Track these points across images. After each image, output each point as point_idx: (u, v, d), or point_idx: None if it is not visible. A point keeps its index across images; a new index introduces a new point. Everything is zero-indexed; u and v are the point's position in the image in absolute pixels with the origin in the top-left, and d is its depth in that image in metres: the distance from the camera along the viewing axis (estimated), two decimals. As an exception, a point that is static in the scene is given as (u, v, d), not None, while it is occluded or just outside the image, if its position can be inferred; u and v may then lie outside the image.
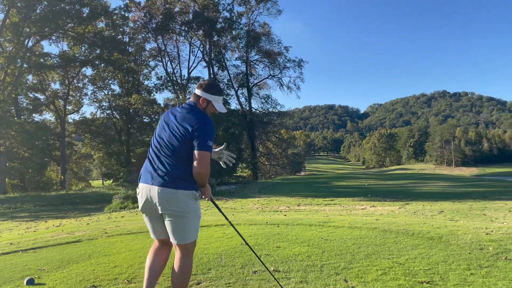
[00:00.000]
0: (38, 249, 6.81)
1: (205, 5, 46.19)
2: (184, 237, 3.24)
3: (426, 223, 7.86)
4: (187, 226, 3.22)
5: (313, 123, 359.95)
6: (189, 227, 3.23)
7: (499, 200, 14.61)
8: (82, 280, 4.63)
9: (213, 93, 3.45)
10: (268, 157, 55.91)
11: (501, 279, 4.25)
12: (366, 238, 6.49)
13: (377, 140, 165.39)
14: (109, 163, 52.12)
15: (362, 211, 11.42)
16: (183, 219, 3.19)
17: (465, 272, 4.54)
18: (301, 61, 51.32)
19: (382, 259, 5.16)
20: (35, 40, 43.72)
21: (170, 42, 48.68)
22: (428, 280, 4.25)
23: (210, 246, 6.15)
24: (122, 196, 20.45)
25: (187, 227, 3.22)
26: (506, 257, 5.13)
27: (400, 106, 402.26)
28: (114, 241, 7.06)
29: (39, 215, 20.09)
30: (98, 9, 42.66)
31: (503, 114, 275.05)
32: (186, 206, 3.18)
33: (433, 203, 13.81)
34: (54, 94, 49.18)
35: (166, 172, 3.19)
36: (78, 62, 45.73)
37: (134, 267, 5.12)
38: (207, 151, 3.16)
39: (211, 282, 4.35)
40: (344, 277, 4.41)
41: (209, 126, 3.24)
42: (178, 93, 46.81)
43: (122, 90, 50.74)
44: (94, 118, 51.95)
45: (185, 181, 3.17)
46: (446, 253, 5.42)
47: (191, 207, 3.20)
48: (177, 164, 3.20)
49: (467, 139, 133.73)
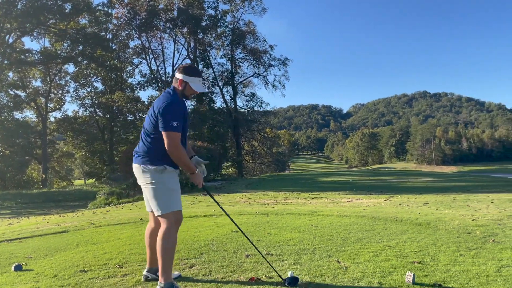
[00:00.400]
0: (23, 239, 6.67)
1: (190, 2, 45.89)
2: (158, 207, 3.55)
3: (413, 211, 7.97)
4: (157, 196, 3.54)
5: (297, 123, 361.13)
6: (159, 198, 3.54)
7: (481, 193, 14.89)
8: (71, 265, 4.55)
9: (190, 74, 3.67)
10: (253, 155, 55.89)
11: (490, 259, 4.33)
12: (355, 225, 6.54)
13: (360, 140, 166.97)
14: (92, 161, 51.39)
15: (348, 203, 11.50)
16: (151, 190, 3.56)
17: (454, 253, 4.61)
18: (286, 59, 51.45)
19: (373, 243, 5.21)
20: (16, 36, 42.81)
21: (154, 40, 48.21)
22: (419, 261, 4.31)
23: (201, 234, 6.12)
24: (107, 192, 20.17)
25: (157, 198, 3.54)
26: (493, 239, 5.24)
27: (382, 106, 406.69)
28: (102, 231, 6.97)
29: (21, 212, 19.70)
30: (81, 5, 42.02)
31: (482, 114, 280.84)
32: (151, 178, 3.54)
33: (418, 196, 14.01)
34: (35, 91, 48.16)
35: (139, 151, 3.65)
36: (60, 59, 44.94)
37: (124, 253, 5.06)
38: (172, 130, 3.42)
39: (204, 265, 4.32)
40: (336, 258, 4.44)
41: (172, 106, 3.46)
42: (163, 91, 46.43)
43: (105, 88, 50.11)
44: (77, 116, 51.18)
45: (151, 158, 3.56)
46: (435, 237, 5.50)
47: (156, 179, 3.53)
48: (147, 143, 3.60)
49: (447, 138, 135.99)
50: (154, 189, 3.54)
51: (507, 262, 4.23)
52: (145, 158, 3.57)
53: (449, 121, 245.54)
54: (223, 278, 3.86)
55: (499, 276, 3.74)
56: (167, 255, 3.47)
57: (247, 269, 4.12)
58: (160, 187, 3.53)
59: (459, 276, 3.76)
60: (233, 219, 4.22)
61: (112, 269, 4.34)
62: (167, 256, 3.47)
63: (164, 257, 3.46)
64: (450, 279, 3.67)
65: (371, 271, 3.95)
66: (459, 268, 4.01)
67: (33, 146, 46.52)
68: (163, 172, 3.53)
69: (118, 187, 21.24)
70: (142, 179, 3.60)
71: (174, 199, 3.57)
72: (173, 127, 3.41)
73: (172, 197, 3.56)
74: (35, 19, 39.24)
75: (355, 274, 3.87)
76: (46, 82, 48.50)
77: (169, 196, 3.55)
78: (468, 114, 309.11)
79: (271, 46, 51.10)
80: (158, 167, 3.52)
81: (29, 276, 4.19)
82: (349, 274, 3.86)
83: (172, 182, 3.59)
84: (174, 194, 3.59)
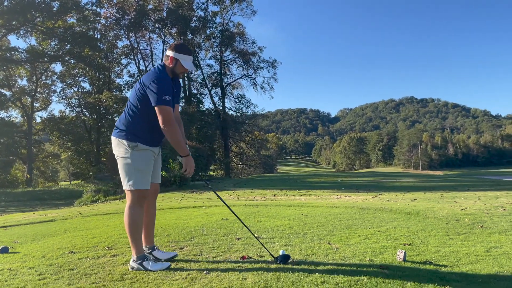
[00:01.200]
0: (9, 227, 6.55)
1: (180, 2, 45.80)
2: (123, 181, 3.59)
3: (402, 204, 8.01)
4: (122, 170, 3.57)
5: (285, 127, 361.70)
6: (124, 172, 3.55)
7: (468, 191, 15.08)
8: (59, 248, 4.47)
9: (181, 52, 3.63)
10: (241, 157, 55.83)
11: (479, 242, 4.37)
12: (345, 214, 6.56)
13: (347, 144, 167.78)
14: (78, 162, 50.76)
15: (337, 200, 11.54)
16: (119, 163, 3.60)
17: (444, 237, 4.65)
18: (275, 61, 51.55)
19: (363, 229, 5.23)
20: (2, 33, 42.04)
21: (143, 40, 48.04)
22: (409, 243, 4.34)
23: (191, 221, 6.07)
24: (93, 189, 19.92)
25: (122, 171, 3.56)
26: (482, 225, 5.29)
27: (369, 111, 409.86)
28: (90, 220, 6.87)
29: (5, 210, 19.34)
30: (69, 4, 41.54)
31: (467, 120, 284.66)
32: (124, 153, 3.55)
33: (406, 194, 14.13)
34: (21, 90, 47.36)
35: (118, 125, 3.65)
36: (47, 58, 44.31)
37: (113, 237, 4.99)
38: (164, 104, 3.39)
39: (195, 247, 4.29)
40: (327, 241, 4.44)
41: (163, 82, 3.44)
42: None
43: (92, 88, 49.61)
44: (63, 116, 50.52)
45: (127, 132, 3.55)
46: (425, 224, 5.54)
47: (127, 154, 3.53)
48: (128, 117, 3.59)
49: (434, 143, 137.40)
50: (123, 164, 3.55)
51: (496, 244, 4.28)
52: (122, 132, 3.57)
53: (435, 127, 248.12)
54: (214, 257, 3.83)
55: (488, 256, 3.78)
56: (130, 229, 3.53)
57: (238, 250, 4.10)
58: (128, 162, 3.53)
59: (449, 256, 3.79)
60: (227, 205, 4.17)
61: (102, 250, 4.29)
62: (130, 230, 3.53)
63: (129, 232, 3.54)
64: (441, 258, 3.70)
65: (362, 251, 3.96)
66: (449, 249, 4.04)
67: (18, 145, 45.80)
68: (134, 149, 3.52)
69: (105, 185, 20.99)
70: (116, 152, 3.63)
71: (139, 178, 3.54)
72: (166, 101, 3.39)
73: (138, 176, 3.54)
74: (21, 17, 38.66)
75: (346, 253, 3.87)
76: (32, 81, 47.83)
77: (135, 174, 3.53)
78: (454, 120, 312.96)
79: (260, 48, 51.26)
80: (131, 143, 3.52)
81: (16, 258, 4.11)
82: (340, 254, 3.86)
83: (140, 161, 3.55)
84: (140, 174, 3.55)
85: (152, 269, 3.43)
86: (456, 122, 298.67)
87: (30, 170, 44.28)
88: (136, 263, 3.49)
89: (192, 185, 21.40)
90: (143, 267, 3.46)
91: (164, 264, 3.56)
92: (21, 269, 3.59)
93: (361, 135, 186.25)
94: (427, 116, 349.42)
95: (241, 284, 2.98)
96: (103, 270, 3.47)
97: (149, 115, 3.50)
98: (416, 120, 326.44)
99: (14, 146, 44.70)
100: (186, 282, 3.06)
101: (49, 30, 42.04)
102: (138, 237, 3.56)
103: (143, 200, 3.63)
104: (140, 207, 3.60)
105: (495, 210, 6.68)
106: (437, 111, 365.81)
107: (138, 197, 3.57)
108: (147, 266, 3.46)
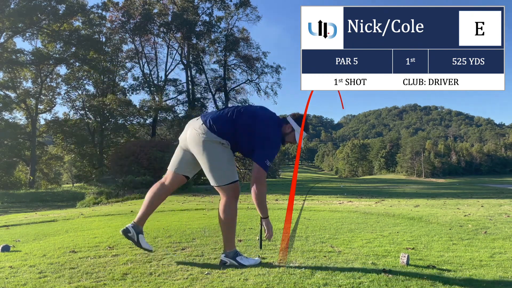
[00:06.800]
0: (11, 226, 6.55)
1: (185, 7, 46.04)
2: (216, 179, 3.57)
3: (405, 209, 7.98)
4: (215, 168, 3.52)
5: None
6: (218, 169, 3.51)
7: (472, 199, 15.01)
8: (60, 247, 4.46)
9: (301, 126, 3.65)
10: (243, 162, 55.80)
11: (483, 248, 4.34)
12: (347, 218, 6.54)
13: (350, 150, 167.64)
14: (81, 164, 50.81)
15: (340, 205, 11.50)
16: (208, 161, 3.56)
17: (447, 242, 4.62)
18: (279, 67, 51.58)
19: (366, 233, 5.20)
20: (8, 35, 42.40)
21: (147, 44, 48.27)
22: (413, 247, 4.31)
23: (193, 223, 6.07)
24: (96, 192, 19.95)
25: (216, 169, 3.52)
26: (485, 231, 5.26)
27: (373, 118, 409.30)
28: (91, 220, 6.87)
29: (7, 211, 19.35)
30: (75, 7, 41.87)
31: (471, 129, 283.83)
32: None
33: (408, 200, 14.08)
34: (25, 92, 47.56)
35: (212, 122, 3.52)
36: (52, 60, 44.57)
37: (115, 237, 4.98)
38: (263, 168, 3.43)
39: (197, 248, 4.28)
40: (330, 244, 4.42)
41: (274, 147, 3.48)
42: (155, 95, 46.31)
43: (96, 91, 49.76)
44: (67, 118, 50.66)
45: (217, 131, 3.49)
46: (428, 229, 5.51)
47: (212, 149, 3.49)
48: (224, 122, 3.51)
49: (437, 151, 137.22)
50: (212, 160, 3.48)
51: (500, 250, 4.25)
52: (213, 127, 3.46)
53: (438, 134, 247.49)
54: (215, 258, 3.82)
55: (492, 261, 3.75)
56: (226, 227, 3.57)
57: (240, 251, 4.07)
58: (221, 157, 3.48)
59: (452, 260, 3.76)
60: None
61: (103, 250, 4.28)
62: (226, 227, 3.58)
63: (225, 228, 3.58)
64: (444, 263, 3.67)
65: (365, 254, 3.93)
66: (452, 254, 4.02)
67: (22, 147, 45.91)
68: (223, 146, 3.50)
69: (107, 188, 21.01)
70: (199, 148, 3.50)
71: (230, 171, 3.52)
72: (266, 166, 3.41)
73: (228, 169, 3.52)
74: (28, 19, 38.97)
75: (348, 256, 3.85)
76: (37, 83, 48.02)
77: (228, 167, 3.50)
78: (458, 128, 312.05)
79: (264, 53, 51.33)
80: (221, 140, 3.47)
81: (17, 256, 4.10)
82: (342, 257, 3.84)
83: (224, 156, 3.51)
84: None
85: (245, 264, 3.50)
86: (460, 130, 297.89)
87: (33, 171, 44.39)
88: (229, 259, 3.55)
89: (195, 189, 21.40)
90: (237, 262, 3.52)
91: (257, 259, 3.62)
92: (22, 267, 3.59)
93: (364, 141, 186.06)
94: (430, 124, 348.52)
95: (243, 284, 2.96)
96: (104, 269, 3.46)
97: (235, 132, 3.46)
98: (419, 127, 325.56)
99: (18, 147, 44.80)
100: (187, 282, 3.05)
101: (54, 33, 42.33)
102: (234, 232, 3.63)
103: (237, 194, 3.60)
104: (236, 202, 3.61)
105: (499, 216, 6.64)
106: (441, 119, 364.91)
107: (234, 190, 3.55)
108: (240, 261, 3.53)
